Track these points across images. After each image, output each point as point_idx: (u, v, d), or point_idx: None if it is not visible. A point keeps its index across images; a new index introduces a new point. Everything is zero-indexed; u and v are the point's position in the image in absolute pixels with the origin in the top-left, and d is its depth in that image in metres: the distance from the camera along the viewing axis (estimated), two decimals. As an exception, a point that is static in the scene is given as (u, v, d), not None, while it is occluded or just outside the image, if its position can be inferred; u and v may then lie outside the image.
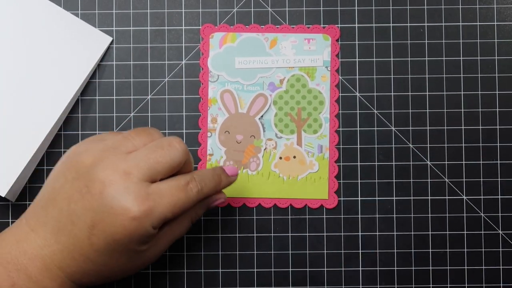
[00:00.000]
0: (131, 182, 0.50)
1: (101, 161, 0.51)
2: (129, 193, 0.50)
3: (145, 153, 0.52)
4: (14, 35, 0.62)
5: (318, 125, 0.63)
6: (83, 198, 0.50)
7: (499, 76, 0.63)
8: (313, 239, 0.63)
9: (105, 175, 0.50)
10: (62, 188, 0.51)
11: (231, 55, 0.63)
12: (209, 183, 0.55)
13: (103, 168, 0.50)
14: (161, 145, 0.52)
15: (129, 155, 0.51)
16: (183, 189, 0.52)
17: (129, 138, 0.53)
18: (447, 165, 0.63)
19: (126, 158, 0.51)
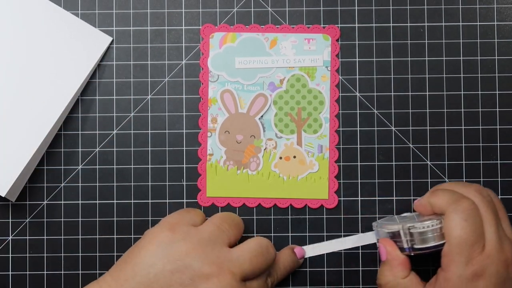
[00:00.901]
0: (234, 280, 0.53)
1: (203, 255, 0.53)
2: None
3: (249, 256, 0.55)
4: (14, 35, 0.62)
5: (318, 125, 0.63)
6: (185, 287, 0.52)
7: (499, 76, 0.63)
8: (313, 239, 0.63)
9: (211, 271, 0.52)
10: (160, 276, 0.52)
11: (231, 55, 0.63)
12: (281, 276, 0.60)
13: (208, 264, 0.53)
14: (261, 251, 0.56)
15: (233, 254, 0.54)
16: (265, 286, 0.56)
17: (224, 230, 0.56)
18: (447, 165, 0.63)
19: (230, 257, 0.54)
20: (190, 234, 0.54)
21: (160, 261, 0.53)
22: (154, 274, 0.52)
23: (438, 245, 0.55)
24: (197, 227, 0.55)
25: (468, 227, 0.53)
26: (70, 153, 0.64)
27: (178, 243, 0.54)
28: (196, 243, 0.54)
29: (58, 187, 0.63)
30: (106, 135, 0.63)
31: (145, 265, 0.53)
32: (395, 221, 0.58)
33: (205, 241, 0.54)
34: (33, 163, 0.62)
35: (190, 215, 0.57)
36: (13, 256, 0.63)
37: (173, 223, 0.56)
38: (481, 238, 0.53)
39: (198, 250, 0.53)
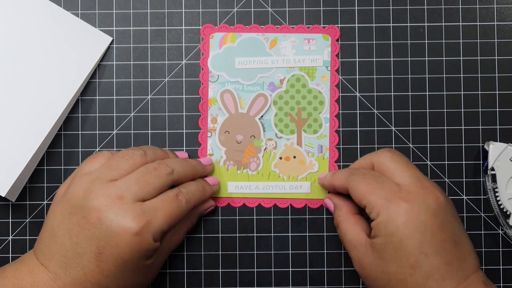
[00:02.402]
0: (125, 204, 0.53)
1: (91, 192, 0.53)
2: (126, 213, 0.52)
3: (134, 178, 0.55)
4: (14, 35, 0.62)
5: (318, 125, 0.63)
6: (83, 229, 0.52)
7: (499, 76, 0.63)
8: (313, 239, 0.63)
9: (99, 203, 0.52)
10: (61, 224, 0.53)
11: (231, 55, 0.63)
12: (194, 193, 0.58)
13: (95, 197, 0.53)
14: (147, 170, 0.56)
15: (119, 181, 0.54)
16: (174, 200, 0.56)
17: (113, 168, 0.56)
18: (447, 165, 0.63)
19: (116, 184, 0.54)
20: (82, 179, 0.55)
21: (59, 212, 0.54)
22: (57, 225, 0.54)
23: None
24: (90, 173, 0.56)
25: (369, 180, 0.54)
26: (70, 153, 0.64)
27: (71, 190, 0.55)
28: (85, 184, 0.54)
29: (58, 187, 0.63)
30: (106, 135, 0.64)
31: (49, 221, 0.55)
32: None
33: (94, 179, 0.54)
34: (33, 163, 0.62)
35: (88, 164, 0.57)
36: (13, 256, 0.63)
37: (70, 178, 0.57)
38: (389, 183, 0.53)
39: (87, 189, 0.54)
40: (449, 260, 0.51)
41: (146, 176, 0.55)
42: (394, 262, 0.51)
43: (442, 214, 0.52)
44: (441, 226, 0.51)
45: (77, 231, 0.52)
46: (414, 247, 0.51)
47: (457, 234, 0.52)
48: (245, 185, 0.63)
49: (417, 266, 0.51)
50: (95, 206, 0.52)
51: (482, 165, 0.62)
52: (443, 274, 0.50)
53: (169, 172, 0.56)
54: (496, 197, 0.61)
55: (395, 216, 0.51)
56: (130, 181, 0.54)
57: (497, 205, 0.61)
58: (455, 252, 0.51)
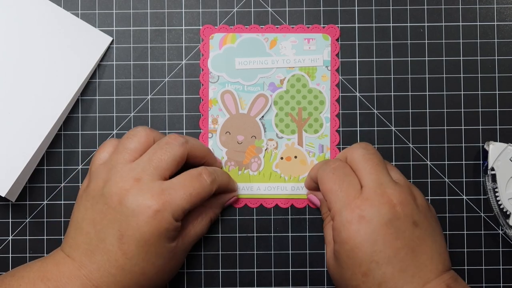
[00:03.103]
0: (143, 184, 0.53)
1: (109, 180, 0.54)
2: (145, 193, 0.52)
3: (147, 157, 0.55)
4: (14, 35, 0.61)
5: (319, 125, 0.63)
6: (106, 216, 0.53)
7: (499, 76, 0.63)
8: (313, 239, 0.63)
9: (118, 188, 0.53)
10: (85, 215, 0.54)
11: (231, 55, 0.63)
12: (221, 175, 0.59)
13: (113, 184, 0.53)
14: (159, 146, 0.55)
15: (133, 164, 0.54)
16: (197, 179, 0.55)
17: (121, 151, 0.56)
18: (447, 165, 0.63)
19: (132, 167, 0.54)
20: (98, 170, 0.56)
21: (82, 205, 0.55)
22: (81, 217, 0.54)
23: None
24: (104, 163, 0.56)
25: (335, 177, 0.54)
26: (70, 153, 0.64)
27: (92, 184, 0.55)
28: (103, 174, 0.55)
29: (58, 187, 0.63)
30: (106, 135, 0.63)
31: (74, 216, 0.56)
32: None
33: (110, 168, 0.55)
34: (33, 163, 0.62)
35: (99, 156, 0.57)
36: (13, 256, 0.63)
37: (89, 172, 0.58)
38: (352, 186, 0.54)
39: (105, 178, 0.54)
40: (403, 267, 0.51)
41: (157, 152, 0.55)
42: (348, 269, 0.52)
43: (397, 223, 0.52)
44: (395, 235, 0.51)
45: (100, 218, 0.53)
46: (365, 256, 0.51)
47: (415, 241, 0.52)
48: (247, 186, 0.63)
49: (369, 274, 0.51)
50: (115, 191, 0.53)
51: (482, 165, 0.62)
52: (397, 282, 0.51)
53: (182, 141, 0.56)
54: (496, 197, 0.61)
55: (348, 223, 0.52)
56: (143, 162, 0.54)
57: (497, 205, 0.61)
58: (410, 260, 0.51)
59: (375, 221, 0.51)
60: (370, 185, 0.53)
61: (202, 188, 0.55)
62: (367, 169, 0.54)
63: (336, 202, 0.53)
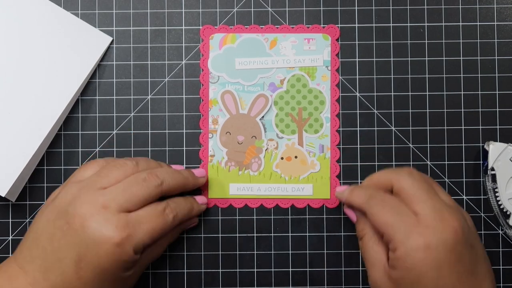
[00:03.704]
0: (109, 213, 0.52)
1: (78, 198, 0.53)
2: (110, 223, 0.52)
3: (122, 187, 0.54)
4: (14, 35, 0.61)
5: (319, 125, 0.63)
6: (65, 235, 0.52)
7: (499, 76, 0.63)
8: (313, 239, 0.63)
9: (84, 210, 0.52)
10: (45, 228, 0.53)
11: (231, 56, 0.63)
12: (182, 210, 0.59)
13: (80, 204, 0.53)
14: (136, 180, 0.55)
15: (106, 190, 0.54)
16: (160, 215, 0.56)
17: (102, 176, 0.55)
18: (447, 165, 0.63)
19: (103, 193, 0.54)
20: (73, 185, 0.55)
21: (45, 216, 0.54)
22: (41, 228, 0.54)
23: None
24: (82, 180, 0.56)
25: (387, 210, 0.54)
26: (70, 153, 0.64)
27: (60, 195, 0.55)
28: (74, 190, 0.54)
29: (58, 187, 0.63)
30: (106, 135, 0.63)
31: (35, 224, 0.55)
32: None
33: (83, 187, 0.54)
34: (33, 163, 0.62)
35: (81, 172, 0.57)
36: (13, 257, 0.63)
37: (64, 183, 0.57)
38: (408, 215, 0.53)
39: (74, 195, 0.54)
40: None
41: (133, 186, 0.55)
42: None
43: (459, 248, 0.52)
44: (459, 259, 0.52)
45: (59, 236, 0.52)
46: (431, 282, 0.51)
47: (474, 263, 0.52)
48: (247, 187, 0.63)
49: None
50: (79, 213, 0.52)
51: (482, 165, 0.62)
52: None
53: (158, 183, 0.56)
54: (496, 197, 0.61)
55: (413, 252, 0.52)
56: (117, 191, 0.54)
57: (497, 205, 0.61)
58: (471, 282, 0.52)
59: (441, 248, 0.51)
60: (427, 212, 0.53)
61: (165, 224, 0.56)
62: (420, 197, 0.54)
63: (397, 233, 0.53)
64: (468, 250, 0.52)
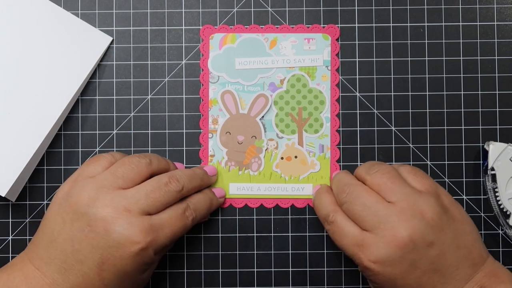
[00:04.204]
0: (133, 217, 0.52)
1: (97, 200, 0.53)
2: (134, 227, 0.52)
3: (144, 192, 0.54)
4: (14, 35, 0.61)
5: (319, 124, 0.63)
6: (87, 238, 0.52)
7: (499, 76, 0.63)
8: (313, 239, 0.63)
9: (106, 213, 0.52)
10: (62, 230, 0.53)
11: (231, 56, 0.63)
12: (202, 209, 0.59)
13: (102, 206, 0.53)
14: (159, 186, 0.55)
15: (127, 193, 0.54)
16: (181, 219, 0.56)
17: (119, 176, 0.55)
18: (447, 165, 0.63)
19: (125, 196, 0.54)
20: (86, 184, 0.54)
21: (60, 216, 0.54)
22: (58, 230, 0.53)
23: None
24: (94, 177, 0.55)
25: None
26: (70, 153, 0.63)
27: (74, 195, 0.54)
28: (90, 191, 0.54)
29: (58, 187, 0.63)
30: (106, 135, 0.63)
31: (49, 224, 0.54)
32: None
33: (99, 187, 0.54)
34: (33, 163, 0.62)
35: (90, 167, 0.57)
36: (13, 256, 0.63)
37: (72, 179, 0.56)
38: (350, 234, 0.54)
39: (93, 197, 0.53)
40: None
41: (156, 192, 0.55)
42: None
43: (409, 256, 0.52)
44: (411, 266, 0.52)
45: (80, 238, 0.52)
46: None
47: (434, 262, 0.52)
48: (247, 186, 0.63)
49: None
50: (102, 217, 0.52)
51: (482, 165, 0.62)
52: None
53: (179, 189, 0.56)
54: (496, 197, 0.61)
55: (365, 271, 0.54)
56: (140, 195, 0.54)
57: (497, 205, 0.61)
58: (436, 280, 0.52)
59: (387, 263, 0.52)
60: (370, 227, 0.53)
61: (184, 227, 0.56)
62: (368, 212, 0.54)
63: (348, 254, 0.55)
64: (425, 251, 0.52)
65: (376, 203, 0.53)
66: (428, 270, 0.52)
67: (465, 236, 0.53)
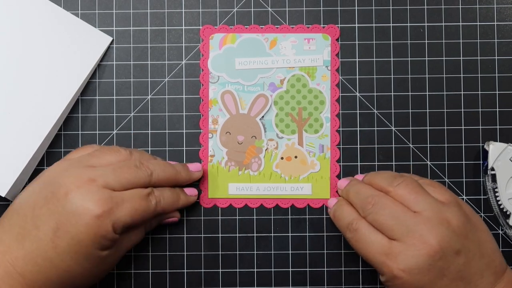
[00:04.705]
0: (95, 187, 0.53)
1: (66, 171, 0.54)
2: (93, 196, 0.52)
3: (112, 168, 0.55)
4: (14, 35, 0.61)
5: (319, 124, 0.63)
6: (48, 203, 0.52)
7: (499, 76, 0.63)
8: (313, 239, 0.63)
9: (70, 181, 0.53)
10: (29, 198, 0.54)
11: (231, 56, 0.63)
12: (167, 199, 0.59)
13: (68, 175, 0.54)
14: (127, 165, 0.56)
15: (95, 168, 0.55)
16: (144, 198, 0.56)
17: (94, 155, 0.56)
18: (447, 165, 0.63)
19: (93, 170, 0.54)
20: (63, 162, 0.56)
21: (31, 186, 0.55)
22: (24, 198, 0.54)
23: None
24: (71, 157, 0.57)
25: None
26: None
27: (50, 170, 0.56)
28: (64, 165, 0.55)
29: (58, 187, 0.63)
30: (106, 135, 0.63)
31: (20, 196, 0.55)
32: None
33: (73, 162, 0.55)
34: (33, 163, 0.62)
35: (76, 152, 0.58)
36: (13, 257, 0.63)
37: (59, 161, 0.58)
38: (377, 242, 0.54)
39: (64, 168, 0.55)
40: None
41: (124, 169, 0.55)
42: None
43: (438, 264, 0.52)
44: (440, 274, 0.52)
45: (42, 203, 0.53)
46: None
47: (461, 269, 0.52)
48: (247, 186, 0.63)
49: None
50: (65, 183, 0.53)
51: (482, 165, 0.62)
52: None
53: (148, 173, 0.57)
54: (496, 197, 0.61)
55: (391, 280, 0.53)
56: (107, 169, 0.55)
57: (497, 205, 0.61)
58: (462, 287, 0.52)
59: (416, 271, 0.52)
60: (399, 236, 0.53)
61: (147, 208, 0.56)
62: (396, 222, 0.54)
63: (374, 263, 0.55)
64: (453, 260, 0.52)
65: (403, 213, 0.53)
66: (455, 278, 0.52)
67: (488, 244, 0.54)
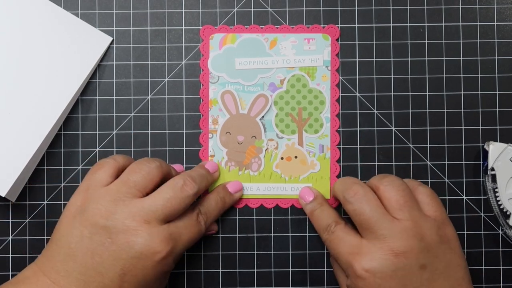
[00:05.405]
0: (153, 227, 0.53)
1: (115, 213, 0.53)
2: (155, 237, 0.53)
3: (161, 202, 0.54)
4: (14, 35, 0.61)
5: (319, 125, 0.63)
6: (108, 250, 0.52)
7: (499, 76, 0.63)
8: (313, 239, 0.63)
9: (126, 226, 0.53)
10: (80, 243, 0.53)
11: (231, 56, 0.63)
12: (213, 212, 0.60)
13: (121, 219, 0.53)
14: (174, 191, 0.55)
15: (144, 203, 0.54)
16: (195, 224, 0.57)
17: (131, 185, 0.55)
18: (447, 165, 0.63)
19: (142, 206, 0.54)
20: (100, 195, 0.54)
21: (77, 229, 0.53)
22: (75, 243, 0.53)
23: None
24: (107, 187, 0.55)
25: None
26: (70, 153, 0.63)
27: (90, 208, 0.54)
28: (106, 203, 0.54)
29: (58, 187, 0.63)
30: (106, 135, 0.63)
31: (65, 237, 0.54)
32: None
33: (115, 199, 0.54)
34: (33, 163, 0.62)
35: (97, 175, 0.56)
36: (13, 256, 0.63)
37: (84, 189, 0.56)
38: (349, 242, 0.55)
39: (110, 210, 0.53)
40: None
41: (173, 200, 0.54)
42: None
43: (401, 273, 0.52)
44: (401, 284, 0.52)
45: (101, 251, 0.52)
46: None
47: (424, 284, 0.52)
48: (247, 186, 0.63)
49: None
50: (122, 229, 0.52)
51: (482, 165, 0.62)
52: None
53: (195, 192, 0.56)
54: (496, 197, 0.61)
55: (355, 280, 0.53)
56: (157, 205, 0.54)
57: (497, 205, 0.61)
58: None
59: (379, 275, 0.52)
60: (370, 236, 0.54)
61: (199, 232, 0.58)
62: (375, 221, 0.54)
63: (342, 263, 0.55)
64: (417, 272, 0.52)
65: (383, 215, 0.54)
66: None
67: (458, 269, 0.54)
